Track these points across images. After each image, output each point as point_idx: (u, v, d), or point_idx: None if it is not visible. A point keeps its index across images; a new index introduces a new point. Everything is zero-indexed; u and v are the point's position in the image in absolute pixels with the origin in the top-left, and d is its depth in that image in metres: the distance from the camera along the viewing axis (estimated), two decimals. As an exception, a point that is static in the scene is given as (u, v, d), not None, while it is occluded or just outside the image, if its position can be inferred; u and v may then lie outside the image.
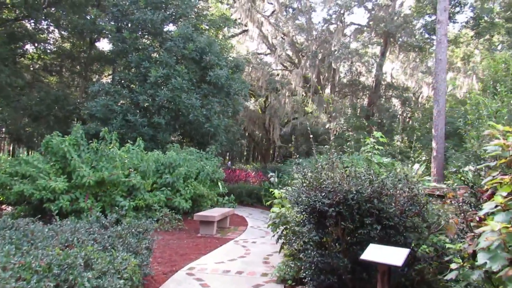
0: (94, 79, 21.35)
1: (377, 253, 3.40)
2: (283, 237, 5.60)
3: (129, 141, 10.84)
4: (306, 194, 4.04)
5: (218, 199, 11.93)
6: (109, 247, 3.95)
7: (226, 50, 17.22)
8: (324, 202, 3.78)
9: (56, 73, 22.64)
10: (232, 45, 20.26)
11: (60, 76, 22.81)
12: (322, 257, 3.87)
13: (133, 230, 4.63)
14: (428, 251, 3.85)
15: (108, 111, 13.78)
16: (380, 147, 5.56)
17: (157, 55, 14.92)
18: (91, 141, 10.00)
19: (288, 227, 5.22)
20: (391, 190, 3.89)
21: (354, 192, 3.79)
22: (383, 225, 3.77)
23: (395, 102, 26.36)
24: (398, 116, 26.33)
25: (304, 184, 4.29)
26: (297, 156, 7.74)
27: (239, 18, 23.38)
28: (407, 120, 27.57)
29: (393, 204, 3.85)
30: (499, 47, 22.72)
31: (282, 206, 5.97)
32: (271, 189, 7.20)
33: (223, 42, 16.83)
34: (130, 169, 9.80)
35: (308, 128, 21.08)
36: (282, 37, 24.51)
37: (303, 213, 4.11)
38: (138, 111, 14.31)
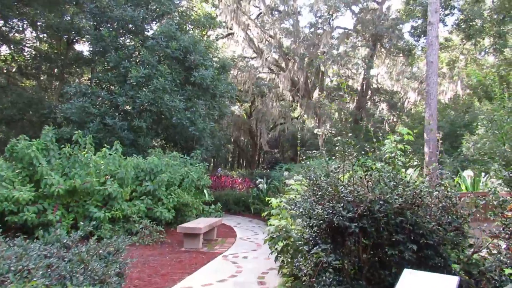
0: (72, 82, 20.23)
1: (416, 283, 2.59)
2: (282, 255, 4.77)
3: (106, 145, 9.87)
4: (320, 205, 3.22)
5: (203, 207, 11.04)
6: (68, 277, 3.06)
7: (211, 50, 16.38)
8: (343, 215, 2.98)
9: (32, 77, 21.43)
10: (217, 45, 19.40)
11: (37, 79, 21.61)
12: (340, 286, 3.05)
13: (100, 251, 3.73)
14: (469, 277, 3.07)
15: (85, 114, 12.77)
16: (407, 147, 4.74)
17: (138, 54, 13.99)
18: (63, 146, 9.05)
19: (290, 243, 4.40)
20: (425, 200, 3.11)
21: (382, 202, 3.01)
22: (418, 244, 2.98)
23: (382, 106, 25.88)
24: (385, 120, 25.86)
25: (319, 193, 3.47)
26: (283, 162, 6.94)
27: (224, 21, 22.63)
28: (394, 124, 27.13)
29: (428, 216, 3.07)
30: (488, 50, 22.48)
31: (281, 218, 5.13)
32: (267, 198, 6.34)
33: (208, 43, 15.97)
34: (107, 176, 8.86)
35: (299, 134, 20.39)
36: (268, 40, 23.82)
37: (314, 228, 3.31)
38: (117, 114, 13.36)
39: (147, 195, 9.23)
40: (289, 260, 4.40)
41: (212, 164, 36.83)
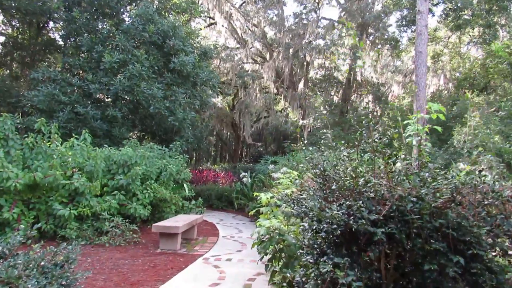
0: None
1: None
2: (274, 262, 4.00)
3: (74, 135, 8.92)
4: (329, 202, 2.46)
5: (183, 203, 10.19)
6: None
7: (193, 37, 15.44)
8: (366, 217, 2.23)
9: (3, 65, 20.04)
10: (199, 33, 18.41)
11: (9, 68, 20.24)
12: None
13: (43, 263, 2.89)
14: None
15: (54, 102, 11.73)
16: (438, 128, 3.90)
17: (113, 38, 12.96)
18: (26, 136, 8.10)
19: (284, 248, 3.64)
20: (468, 197, 2.37)
21: (414, 199, 2.27)
22: (463, 255, 2.24)
23: (369, 99, 25.34)
24: (370, 113, 25.38)
25: (333, 187, 2.69)
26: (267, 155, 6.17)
27: (206, 10, 21.69)
28: (378, 118, 26.67)
29: (472, 217, 2.33)
30: (477, 41, 22.12)
31: (273, 217, 4.35)
32: (255, 194, 5.54)
33: (188, 29, 15.04)
34: (74, 169, 7.93)
35: (290, 127, 19.57)
36: (252, 30, 22.96)
37: (321, 233, 2.55)
38: (89, 103, 12.34)
39: (119, 190, 8.33)
40: (284, 269, 3.64)
41: (194, 158, 35.95)
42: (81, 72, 13.32)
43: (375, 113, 25.81)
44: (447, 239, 2.26)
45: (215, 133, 28.08)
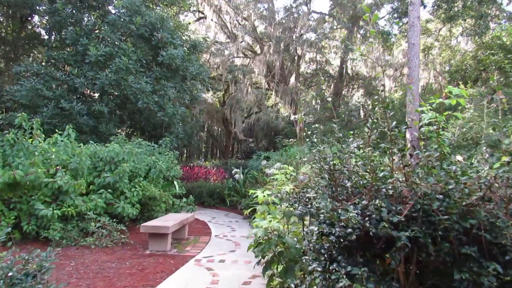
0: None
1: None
2: (272, 266, 3.67)
3: (58, 131, 8.49)
4: (338, 201, 2.14)
5: (174, 201, 9.80)
6: None
7: (182, 29, 15.00)
8: (384, 218, 1.91)
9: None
10: (188, 27, 17.96)
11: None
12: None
13: (11, 274, 2.53)
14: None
15: (37, 97, 11.26)
16: (459, 115, 3.59)
17: (98, 31, 12.49)
18: (7, 133, 7.67)
19: (284, 251, 3.32)
20: (498, 192, 2.07)
21: (441, 196, 1.96)
22: (498, 261, 1.94)
23: (361, 92, 25.10)
24: (360, 107, 25.18)
25: (346, 184, 2.37)
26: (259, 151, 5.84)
27: (195, 3, 21.28)
28: (369, 112, 26.45)
29: (504, 216, 2.03)
30: (470, 33, 21.99)
31: (271, 217, 4.00)
32: (251, 191, 5.19)
33: (177, 22, 14.61)
34: (58, 167, 7.52)
35: (281, 122, 19.24)
36: (242, 24, 22.55)
37: (331, 237, 2.22)
38: (75, 98, 11.87)
39: (106, 188, 7.94)
40: (284, 276, 3.31)
41: (185, 155, 35.50)
42: (66, 66, 12.84)
43: (366, 107, 25.65)
44: (478, 242, 1.96)
45: (206, 129, 27.68)
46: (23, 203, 7.03)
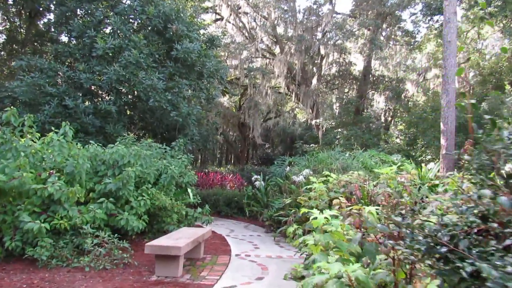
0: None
1: None
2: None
3: (53, 128, 7.33)
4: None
5: (187, 211, 8.54)
6: None
7: (198, 23, 13.82)
8: None
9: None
10: (204, 21, 16.84)
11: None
12: None
13: None
14: None
15: (39, 94, 10.19)
16: None
17: (107, 22, 11.41)
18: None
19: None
20: None
21: None
22: None
23: (387, 95, 23.56)
24: (386, 110, 23.71)
25: None
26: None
27: (211, 6, 20.32)
28: (392, 118, 24.95)
29: None
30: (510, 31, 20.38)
31: (337, 250, 2.65)
32: (303, 210, 3.78)
33: (194, 11, 13.45)
34: (52, 171, 6.34)
35: (298, 128, 17.93)
36: (260, 24, 21.40)
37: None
38: (80, 95, 10.77)
39: (108, 196, 6.73)
40: None
41: (200, 160, 34.41)
42: (71, 61, 11.78)
43: (390, 112, 24.11)
44: None
45: (221, 134, 26.58)
46: (8, 214, 5.84)
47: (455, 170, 16.52)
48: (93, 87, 11.17)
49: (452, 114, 16.24)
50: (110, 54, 10.53)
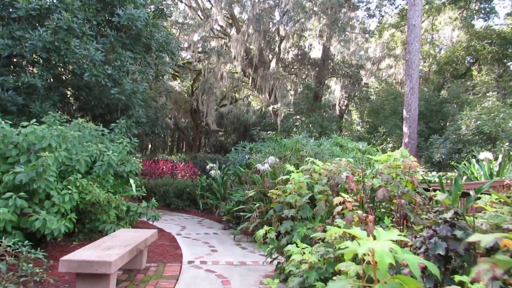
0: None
1: None
2: None
3: None
4: None
5: (129, 206, 7.08)
6: None
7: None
8: None
9: None
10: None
11: None
12: None
13: None
14: None
15: None
16: None
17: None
18: None
19: None
20: None
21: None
22: None
23: (339, 84, 22.82)
24: (345, 97, 23.05)
25: None
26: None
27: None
28: (347, 106, 24.42)
29: None
30: (478, 16, 20.27)
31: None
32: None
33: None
34: None
35: (252, 116, 16.70)
36: None
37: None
38: (-3, 66, 8.85)
39: (18, 190, 5.13)
40: None
41: (150, 148, 32.42)
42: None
43: (352, 99, 23.48)
44: None
45: (172, 119, 24.88)
46: None
47: (420, 158, 16.04)
48: (14, 58, 9.25)
49: (416, 101, 15.68)
50: (35, 16, 8.66)
